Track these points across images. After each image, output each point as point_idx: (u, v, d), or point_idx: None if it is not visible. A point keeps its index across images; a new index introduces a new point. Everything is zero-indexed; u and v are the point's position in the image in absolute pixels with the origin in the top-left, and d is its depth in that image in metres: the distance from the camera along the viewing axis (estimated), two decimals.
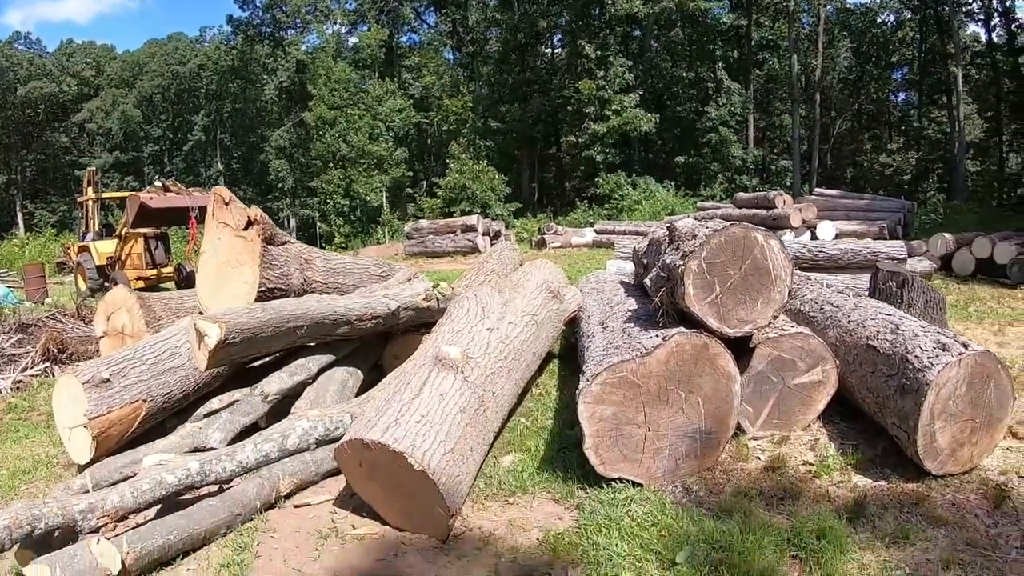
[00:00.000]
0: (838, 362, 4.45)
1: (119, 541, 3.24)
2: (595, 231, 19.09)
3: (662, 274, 4.15)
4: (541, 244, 19.16)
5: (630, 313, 4.76)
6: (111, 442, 4.50)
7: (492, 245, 18.17)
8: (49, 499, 3.50)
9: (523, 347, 4.76)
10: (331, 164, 31.36)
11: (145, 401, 4.69)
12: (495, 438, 4.36)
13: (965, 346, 3.89)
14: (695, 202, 23.17)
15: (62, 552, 3.11)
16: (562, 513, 3.71)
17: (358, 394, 5.19)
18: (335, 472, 4.23)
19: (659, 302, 4.03)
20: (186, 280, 13.10)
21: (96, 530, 3.39)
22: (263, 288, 5.18)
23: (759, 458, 4.06)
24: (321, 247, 32.15)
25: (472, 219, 19.01)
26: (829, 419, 4.42)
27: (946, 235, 10.84)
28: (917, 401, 3.79)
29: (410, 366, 4.17)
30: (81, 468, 4.49)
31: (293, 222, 36.05)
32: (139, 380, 4.68)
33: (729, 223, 4.08)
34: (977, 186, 25.34)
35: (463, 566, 3.32)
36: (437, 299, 6.03)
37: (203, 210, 13.20)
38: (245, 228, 5.18)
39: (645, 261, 5.42)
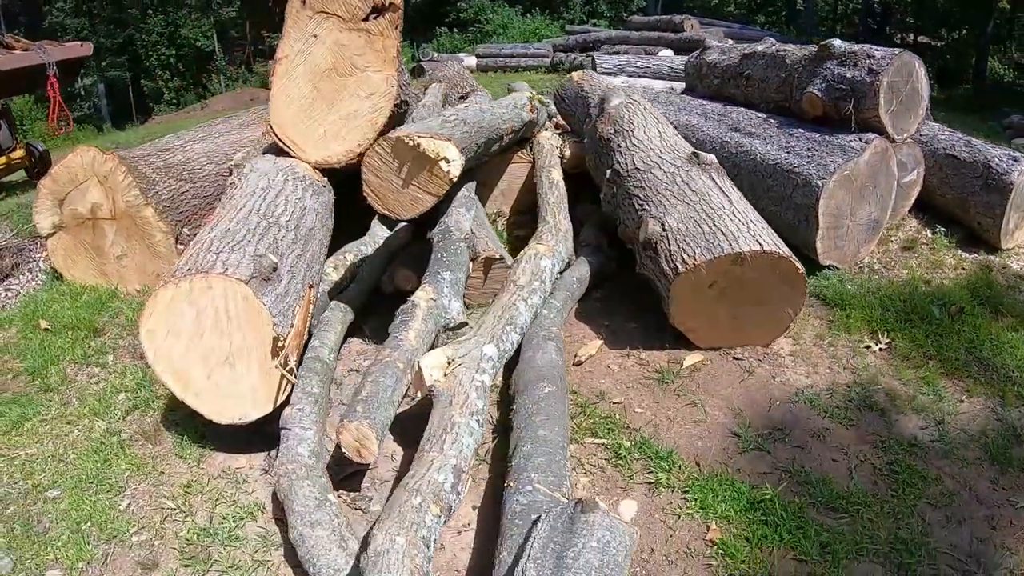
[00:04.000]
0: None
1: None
2: (478, 56, 18.52)
3: (842, 87, 4.85)
4: (419, 71, 18.25)
5: (774, 123, 5.41)
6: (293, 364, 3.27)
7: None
8: (404, 505, 2.19)
9: None
10: (150, 11, 27.42)
11: (311, 286, 3.43)
12: None
13: None
14: (563, 25, 23.21)
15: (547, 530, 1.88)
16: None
17: None
18: None
19: (850, 111, 4.77)
20: (40, 162, 9.16)
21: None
22: (397, 101, 4.11)
23: (893, 240, 5.17)
24: (148, 107, 27.84)
25: None
26: (913, 212, 5.63)
27: None
28: (1003, 196, 5.07)
29: (660, 173, 4.25)
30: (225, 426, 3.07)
31: (102, 87, 30.25)
32: (296, 256, 3.34)
33: (897, 50, 4.85)
34: (814, 22, 28.32)
35: (807, 358, 3.74)
36: (536, 110, 6.13)
37: (64, 65, 9.43)
38: (367, 18, 3.90)
39: (746, 72, 6.02)
